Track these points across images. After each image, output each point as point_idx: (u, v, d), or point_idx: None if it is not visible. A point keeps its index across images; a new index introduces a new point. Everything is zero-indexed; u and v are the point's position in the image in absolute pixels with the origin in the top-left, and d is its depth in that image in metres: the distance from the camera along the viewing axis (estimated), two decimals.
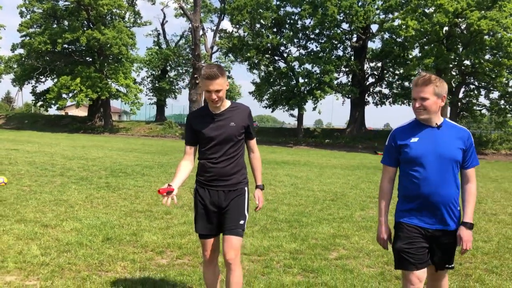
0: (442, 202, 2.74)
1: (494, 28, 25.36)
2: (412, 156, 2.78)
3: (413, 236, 2.80)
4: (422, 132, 2.81)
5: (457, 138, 2.79)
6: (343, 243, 5.61)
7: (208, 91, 3.07)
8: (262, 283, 4.07)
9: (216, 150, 3.15)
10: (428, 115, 2.78)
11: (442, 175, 2.74)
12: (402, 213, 2.87)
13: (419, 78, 2.83)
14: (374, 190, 10.55)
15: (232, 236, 3.10)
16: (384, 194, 2.97)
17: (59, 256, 4.61)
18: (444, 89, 2.78)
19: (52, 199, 7.70)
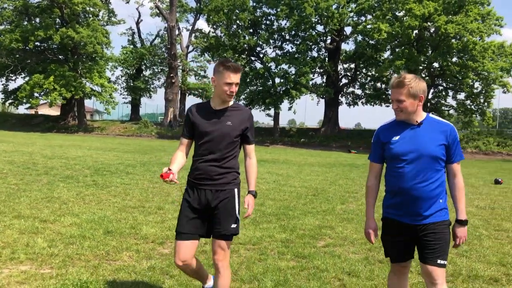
0: (422, 197, 2.78)
1: (460, 32, 26.58)
2: (393, 153, 2.84)
3: (394, 230, 2.89)
4: (403, 130, 2.86)
5: (439, 133, 2.82)
6: (328, 233, 6.08)
7: (229, 83, 3.03)
8: (260, 267, 4.47)
9: (208, 147, 3.09)
10: (406, 115, 2.84)
11: (421, 171, 2.78)
12: (386, 208, 2.96)
13: (394, 80, 2.86)
14: (351, 186, 11.11)
15: (221, 241, 3.08)
16: (370, 190, 3.04)
17: (66, 248, 4.88)
18: (420, 89, 2.80)
19: (44, 197, 7.87)
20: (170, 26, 40.61)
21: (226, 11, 33.61)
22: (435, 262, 2.77)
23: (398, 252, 2.92)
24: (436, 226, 2.79)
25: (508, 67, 27.59)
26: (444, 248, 2.80)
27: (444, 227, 2.82)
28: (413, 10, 27.51)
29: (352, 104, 38.31)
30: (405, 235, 2.86)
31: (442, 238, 2.79)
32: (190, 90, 49.26)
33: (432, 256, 2.78)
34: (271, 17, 35.03)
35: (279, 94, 33.77)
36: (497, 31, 28.85)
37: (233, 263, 4.57)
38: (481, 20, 27.78)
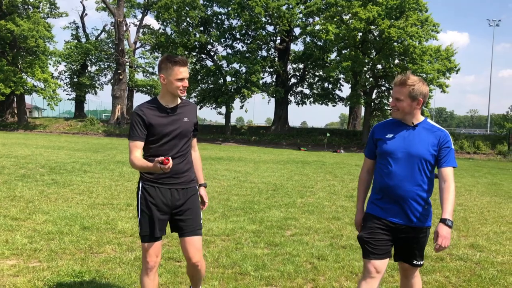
0: (405, 197, 2.80)
1: (402, 35, 28.30)
2: (384, 151, 2.88)
3: (375, 226, 2.88)
4: (397, 129, 2.90)
5: (431, 138, 2.84)
6: (293, 223, 6.59)
7: (180, 79, 2.95)
8: (238, 255, 4.87)
9: (171, 146, 3.02)
10: (401, 115, 2.87)
11: (408, 171, 2.80)
12: (370, 204, 2.99)
13: (398, 78, 2.86)
14: (307, 181, 11.76)
15: (196, 237, 3.07)
16: (361, 183, 3.10)
17: (47, 243, 5.01)
18: (421, 92, 2.80)
19: (6, 196, 7.77)
20: (118, 21, 39.69)
21: (176, 8, 33.44)
22: (411, 263, 2.93)
23: (377, 249, 2.87)
24: (418, 231, 2.85)
25: (444, 69, 29.75)
26: (422, 251, 2.93)
27: (424, 233, 2.90)
28: (358, 14, 28.89)
29: (300, 103, 39.45)
30: (386, 233, 2.86)
31: (421, 243, 2.89)
32: (138, 87, 48.39)
33: (410, 259, 2.92)
34: (222, 16, 35.28)
35: (230, 92, 34.14)
36: (434, 37, 31.01)
37: (213, 252, 4.94)
38: (420, 25, 29.72)
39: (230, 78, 34.20)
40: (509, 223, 7.38)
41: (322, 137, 33.93)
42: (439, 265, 4.85)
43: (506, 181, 14.51)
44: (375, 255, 2.85)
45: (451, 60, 30.20)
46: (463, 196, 10.26)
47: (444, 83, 30.38)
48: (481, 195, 10.70)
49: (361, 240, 2.93)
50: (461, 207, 8.67)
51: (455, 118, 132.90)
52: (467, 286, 4.24)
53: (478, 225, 7.05)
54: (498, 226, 7.03)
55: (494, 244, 5.84)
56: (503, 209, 8.79)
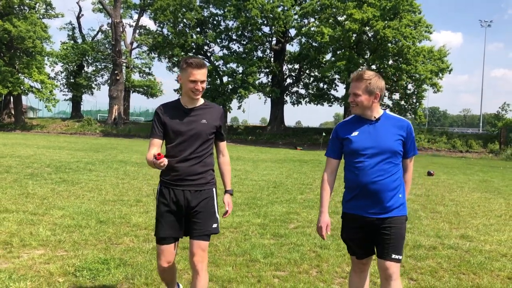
0: (381, 191, 2.81)
1: (396, 36, 28.82)
2: (353, 149, 2.86)
3: (354, 226, 2.91)
4: (362, 126, 2.90)
5: (396, 128, 2.88)
6: (296, 217, 7.00)
7: (193, 81, 2.97)
8: (247, 244, 5.28)
9: (184, 147, 3.02)
10: (361, 110, 2.89)
11: (380, 165, 2.81)
12: (345, 203, 2.97)
13: (354, 74, 2.90)
14: (305, 179, 12.18)
15: (201, 241, 3.02)
16: (325, 186, 3.02)
17: (69, 235, 5.38)
18: (377, 86, 2.83)
19: (20, 193, 8.12)
20: (115, 22, 39.95)
21: (172, 10, 33.77)
22: (389, 256, 2.82)
23: (360, 248, 2.94)
24: (393, 221, 2.83)
25: (437, 70, 30.32)
26: (399, 243, 2.85)
27: (400, 221, 2.86)
28: (353, 15, 29.38)
29: (296, 103, 39.93)
30: (365, 230, 2.88)
31: (398, 233, 2.83)
32: (134, 87, 48.65)
33: (387, 251, 2.82)
34: (218, 17, 35.66)
35: (227, 92, 34.52)
36: (427, 37, 31.57)
37: (224, 242, 5.35)
38: (413, 26, 30.26)
39: (227, 79, 34.58)
40: (498, 216, 7.84)
41: (317, 137, 34.40)
42: (431, 253, 5.28)
43: (496, 178, 15.02)
44: (359, 254, 2.96)
45: (444, 61, 30.78)
46: (455, 192, 10.73)
47: (437, 83, 30.95)
48: (472, 191, 11.18)
49: (344, 240, 3.02)
50: (453, 202, 9.13)
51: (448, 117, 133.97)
52: (457, 270, 4.67)
53: (468, 218, 7.50)
54: (487, 219, 7.49)
55: (483, 235, 6.29)
56: (493, 204, 9.25)
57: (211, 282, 4.04)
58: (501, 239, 6.07)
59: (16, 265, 4.27)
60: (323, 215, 2.99)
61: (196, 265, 2.99)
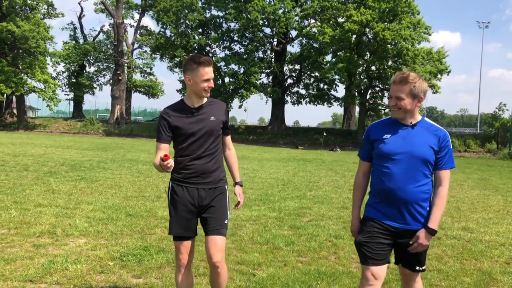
0: (407, 200, 2.68)
1: (396, 38, 29.37)
2: (383, 152, 2.75)
3: (374, 230, 2.76)
4: (395, 129, 2.78)
5: (431, 137, 2.75)
6: (308, 212, 7.51)
7: (206, 80, 2.98)
8: (269, 234, 5.78)
9: (197, 145, 3.03)
10: (403, 114, 2.75)
11: (409, 173, 2.68)
12: (368, 208, 2.86)
13: (398, 75, 2.75)
14: (312, 177, 12.69)
15: (218, 237, 3.00)
16: (357, 187, 2.96)
17: (105, 227, 5.87)
18: (421, 89, 2.71)
19: (46, 189, 8.59)
20: (117, 23, 40.36)
21: (175, 11, 34.24)
22: (414, 269, 2.81)
23: (372, 253, 2.74)
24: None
25: (435, 71, 30.89)
26: (423, 255, 2.81)
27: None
28: (353, 17, 29.92)
29: (296, 103, 40.46)
30: (386, 237, 2.75)
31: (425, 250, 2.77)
32: (136, 87, 49.10)
33: (411, 263, 2.80)
34: (220, 18, 36.15)
35: (229, 93, 35.02)
36: (426, 39, 32.16)
37: (247, 232, 5.85)
38: (412, 28, 30.81)
39: (228, 79, 35.07)
40: (496, 211, 8.37)
41: (318, 136, 34.93)
42: (436, 242, 5.79)
43: (494, 176, 15.57)
44: (374, 260, 2.72)
45: (443, 62, 31.35)
46: (455, 190, 11.25)
47: (435, 85, 31.52)
48: (471, 188, 11.71)
49: (359, 244, 2.80)
50: (454, 199, 9.65)
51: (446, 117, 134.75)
52: (461, 257, 5.18)
53: (469, 213, 8.02)
54: (486, 214, 8.01)
55: (482, 227, 6.81)
56: (491, 200, 9.78)
57: (242, 265, 4.55)
58: (499, 231, 6.59)
59: (67, 251, 4.77)
60: (354, 221, 2.94)
61: (215, 261, 2.96)
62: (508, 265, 4.94)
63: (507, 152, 29.00)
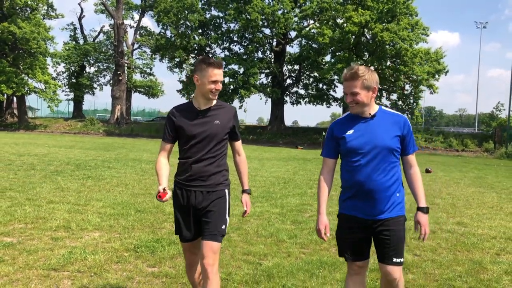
0: (377, 190, 2.73)
1: (394, 39, 29.71)
2: (348, 148, 2.78)
3: (350, 226, 2.81)
4: (356, 123, 2.82)
5: (392, 125, 2.80)
6: (309, 208, 7.82)
7: (215, 81, 2.96)
8: (273, 228, 6.09)
9: (198, 148, 3.02)
10: (361, 108, 2.78)
11: (377, 164, 2.74)
12: (342, 204, 2.89)
13: (347, 72, 2.77)
14: (311, 175, 13.00)
15: (212, 242, 2.96)
16: (322, 186, 2.94)
17: (116, 222, 6.17)
18: (373, 80, 2.75)
19: (55, 187, 8.88)
20: (117, 24, 40.63)
21: (176, 12, 34.54)
22: (391, 261, 2.77)
23: (354, 249, 2.83)
24: (391, 222, 2.76)
25: (433, 71, 31.23)
26: (400, 245, 2.78)
27: (399, 223, 2.78)
28: (352, 18, 30.24)
29: (295, 103, 40.79)
30: (362, 231, 2.80)
31: (397, 236, 2.76)
32: (136, 88, 49.37)
33: (387, 255, 2.77)
34: (220, 19, 36.48)
35: (229, 93, 35.32)
36: (424, 40, 32.50)
37: (252, 226, 6.15)
38: (410, 29, 31.16)
39: (228, 79, 35.37)
40: (490, 207, 8.69)
41: (317, 136, 35.25)
42: (431, 235, 6.10)
43: (490, 175, 15.90)
44: (354, 256, 2.82)
45: (440, 63, 31.70)
46: (451, 187, 11.57)
47: (433, 85, 31.87)
48: (467, 186, 12.04)
49: (339, 241, 2.90)
50: (450, 196, 9.97)
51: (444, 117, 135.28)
52: (454, 249, 5.50)
53: (463, 209, 8.34)
54: (480, 210, 8.33)
55: (476, 222, 7.12)
56: (486, 197, 10.11)
57: (249, 255, 4.85)
58: (492, 225, 6.91)
59: (83, 243, 5.07)
60: (321, 217, 2.90)
61: (207, 268, 2.91)
62: (498, 256, 5.25)
63: (503, 151, 29.36)
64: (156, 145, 26.71)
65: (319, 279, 4.18)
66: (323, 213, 2.92)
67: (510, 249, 5.57)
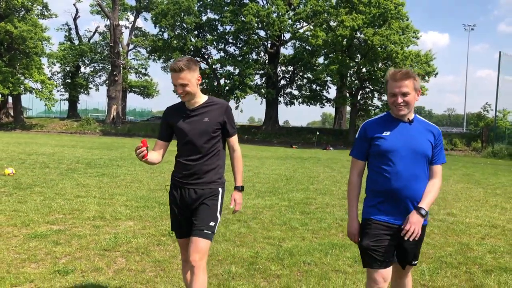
0: (411, 197, 2.67)
1: (385, 42, 30.65)
2: (384, 149, 2.70)
3: (380, 233, 2.71)
4: (394, 126, 2.74)
5: (427, 133, 2.76)
6: (314, 201, 8.58)
7: (174, 85, 3.03)
8: (285, 218, 6.84)
9: (189, 147, 3.07)
10: (408, 110, 2.71)
11: (413, 170, 2.67)
12: (370, 209, 2.79)
13: (398, 72, 2.68)
14: (311, 173, 13.78)
15: (199, 238, 2.97)
16: (353, 188, 2.89)
17: (145, 213, 6.86)
18: (419, 83, 2.73)
19: (76, 184, 9.53)
20: (114, 25, 41.09)
21: (173, 14, 35.17)
22: (410, 263, 2.84)
23: (381, 256, 2.71)
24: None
25: (423, 73, 32.24)
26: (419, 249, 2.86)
27: (424, 230, 2.79)
28: (344, 22, 31.13)
29: (289, 104, 41.63)
30: (392, 238, 2.71)
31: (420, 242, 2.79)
32: (131, 88, 49.83)
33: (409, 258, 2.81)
34: (216, 21, 37.19)
35: (224, 93, 36.03)
36: (414, 42, 33.49)
37: (266, 216, 6.89)
38: (401, 32, 32.13)
39: (224, 81, 36.11)
40: (477, 201, 9.53)
41: (311, 136, 36.11)
42: None
43: (477, 172, 16.83)
44: (383, 262, 2.71)
45: (430, 65, 32.73)
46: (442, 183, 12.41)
47: (423, 86, 32.87)
48: (456, 182, 12.91)
49: (366, 249, 2.73)
50: (441, 191, 10.72)
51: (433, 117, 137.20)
52: (445, 234, 6.29)
53: (453, 202, 9.17)
54: (468, 203, 9.17)
55: (464, 213, 7.94)
56: (473, 192, 10.96)
57: (269, 239, 5.58)
58: (478, 215, 7.73)
59: (122, 230, 5.76)
60: (354, 222, 2.86)
61: (193, 264, 2.95)
62: (483, 240, 6.06)
63: (490, 150, 30.45)
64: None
65: (332, 257, 4.93)
66: (355, 218, 2.86)
67: (494, 234, 6.39)
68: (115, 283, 3.95)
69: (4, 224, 5.79)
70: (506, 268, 4.78)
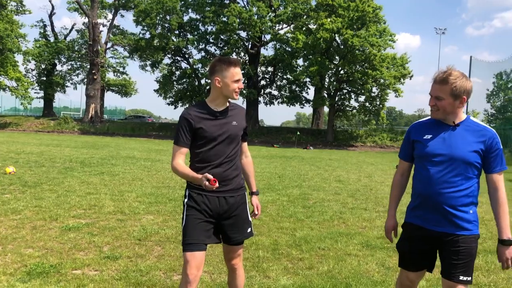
0: (446, 204, 2.57)
1: (364, 44, 31.74)
2: (422, 153, 2.68)
3: (413, 236, 2.72)
4: (437, 129, 2.69)
5: (476, 138, 2.61)
6: (310, 197, 9.23)
7: (236, 81, 2.88)
8: (289, 211, 7.45)
9: (218, 151, 2.92)
10: (442, 115, 2.65)
11: (449, 175, 2.58)
12: (408, 212, 2.80)
13: (438, 74, 2.63)
14: (300, 170, 14.46)
15: (239, 247, 3.06)
16: (394, 186, 2.91)
17: (159, 208, 7.33)
18: (464, 89, 2.57)
19: (79, 182, 9.87)
20: (93, 23, 40.78)
21: (155, 14, 35.31)
22: (457, 278, 2.59)
23: (414, 259, 2.75)
24: (462, 239, 2.58)
25: (399, 75, 33.54)
26: (468, 263, 2.60)
27: (471, 241, 2.60)
28: (324, 25, 32.05)
29: (269, 104, 42.39)
30: (426, 242, 2.69)
31: (468, 253, 2.59)
32: (109, 86, 49.46)
33: (454, 271, 2.60)
34: (198, 22, 37.53)
35: (205, 93, 36.41)
36: (391, 46, 34.78)
37: (272, 210, 7.49)
38: (379, 35, 33.33)
39: (205, 81, 36.48)
40: None
41: (290, 135, 36.92)
42: None
43: None
44: (411, 266, 2.77)
45: (405, 67, 34.06)
46: None
47: (399, 89, 34.21)
48: None
49: (398, 250, 2.84)
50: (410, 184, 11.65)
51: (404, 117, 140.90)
52: None
53: None
54: None
55: None
56: None
57: (282, 229, 6.18)
58: None
59: (146, 223, 6.24)
60: (390, 219, 2.91)
61: (234, 265, 3.09)
62: None
63: None
64: (138, 144, 27.47)
65: (342, 243, 5.57)
66: (392, 216, 2.92)
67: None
68: (162, 266, 4.46)
69: (34, 219, 6.17)
70: (490, 250, 5.54)
